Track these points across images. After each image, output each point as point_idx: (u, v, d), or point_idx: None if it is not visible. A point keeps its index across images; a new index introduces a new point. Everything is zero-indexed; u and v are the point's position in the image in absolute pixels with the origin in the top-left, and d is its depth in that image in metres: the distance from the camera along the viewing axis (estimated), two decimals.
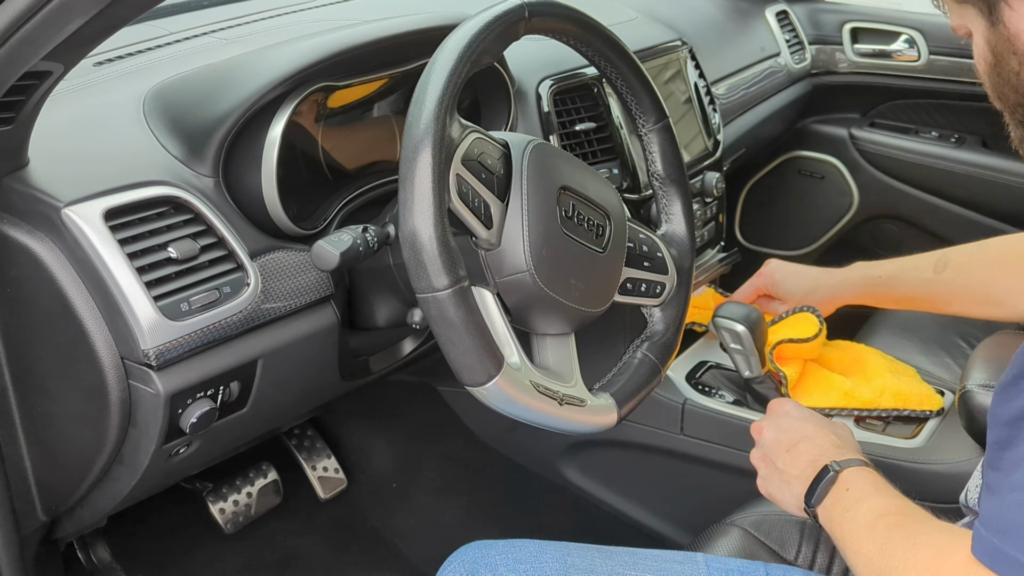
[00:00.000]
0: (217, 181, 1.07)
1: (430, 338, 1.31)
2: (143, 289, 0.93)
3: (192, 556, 1.64)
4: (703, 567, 1.02)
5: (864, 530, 0.88)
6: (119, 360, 0.97)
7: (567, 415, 0.93)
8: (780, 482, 1.02)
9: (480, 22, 0.91)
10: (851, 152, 2.36)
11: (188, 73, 1.17)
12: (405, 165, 0.83)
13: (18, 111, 0.88)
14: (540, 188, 0.95)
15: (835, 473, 0.95)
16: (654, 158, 1.14)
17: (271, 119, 1.06)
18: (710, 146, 1.68)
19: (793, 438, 1.03)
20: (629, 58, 1.08)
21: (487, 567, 0.97)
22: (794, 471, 1.00)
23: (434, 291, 0.82)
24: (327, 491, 1.78)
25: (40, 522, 1.15)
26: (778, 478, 1.02)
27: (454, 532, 1.78)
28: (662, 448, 1.53)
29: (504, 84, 1.33)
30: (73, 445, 1.06)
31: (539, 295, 0.94)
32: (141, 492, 1.17)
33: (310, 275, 1.10)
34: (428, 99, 0.85)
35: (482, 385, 0.86)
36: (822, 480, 0.96)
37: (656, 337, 1.10)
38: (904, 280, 1.38)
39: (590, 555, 1.00)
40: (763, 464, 1.06)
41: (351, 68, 1.14)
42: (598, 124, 1.44)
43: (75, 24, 0.78)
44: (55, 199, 0.94)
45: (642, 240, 1.10)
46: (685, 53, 1.72)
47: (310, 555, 1.71)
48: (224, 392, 1.04)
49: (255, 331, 1.05)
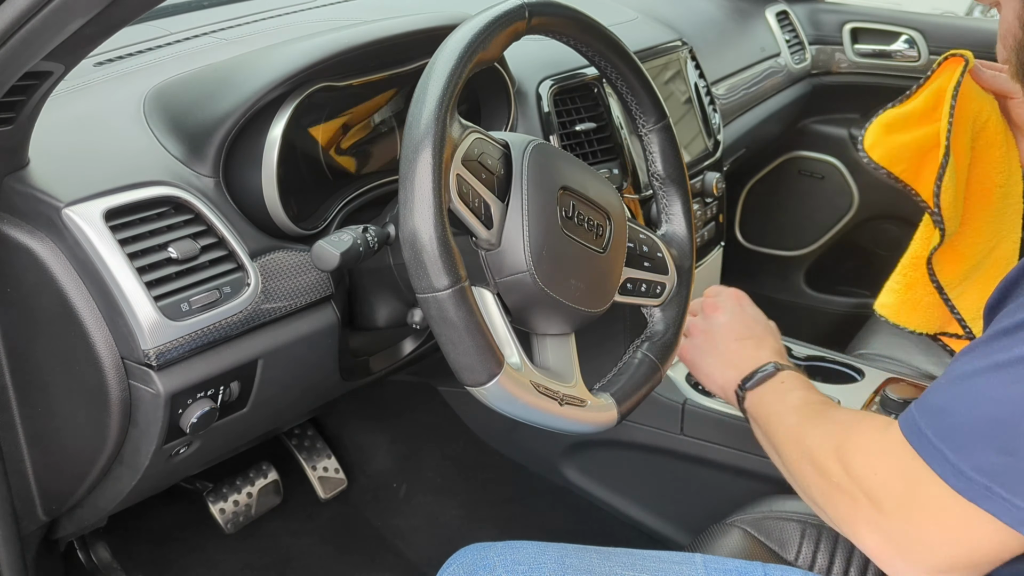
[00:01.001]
0: (217, 181, 1.07)
1: (430, 338, 1.31)
2: (143, 289, 0.93)
3: (192, 556, 1.64)
4: (701, 567, 1.02)
5: (789, 409, 0.99)
6: (119, 360, 0.97)
7: (567, 415, 0.93)
8: (716, 362, 1.13)
9: (480, 22, 0.91)
10: (851, 152, 2.36)
11: (188, 73, 1.17)
12: (405, 165, 0.83)
13: (18, 111, 0.88)
14: (540, 188, 0.95)
15: (775, 370, 1.06)
16: (654, 158, 1.14)
17: (271, 119, 1.06)
18: (710, 146, 1.68)
19: (744, 333, 1.14)
20: (629, 58, 1.08)
21: (485, 569, 0.97)
22: (735, 360, 1.10)
23: (434, 291, 0.82)
24: (327, 491, 1.78)
25: (40, 522, 1.15)
26: (715, 358, 1.13)
27: (454, 532, 1.78)
28: (662, 448, 1.53)
29: (504, 84, 1.33)
30: (73, 445, 1.06)
31: (539, 295, 0.94)
32: (141, 492, 1.17)
33: (310, 275, 1.10)
34: (428, 99, 0.85)
35: (482, 385, 0.86)
36: (760, 372, 1.07)
37: (656, 337, 1.10)
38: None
39: (588, 556, 1.00)
40: (703, 337, 1.16)
41: (351, 68, 1.14)
42: (598, 124, 1.44)
43: (75, 24, 0.78)
44: (55, 199, 0.94)
45: (642, 240, 1.10)
46: (685, 53, 1.72)
47: (310, 555, 1.71)
48: (224, 392, 1.04)
49: (255, 331, 1.05)
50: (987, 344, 0.76)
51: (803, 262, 2.46)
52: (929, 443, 0.77)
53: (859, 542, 0.85)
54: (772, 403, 1.04)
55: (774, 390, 1.05)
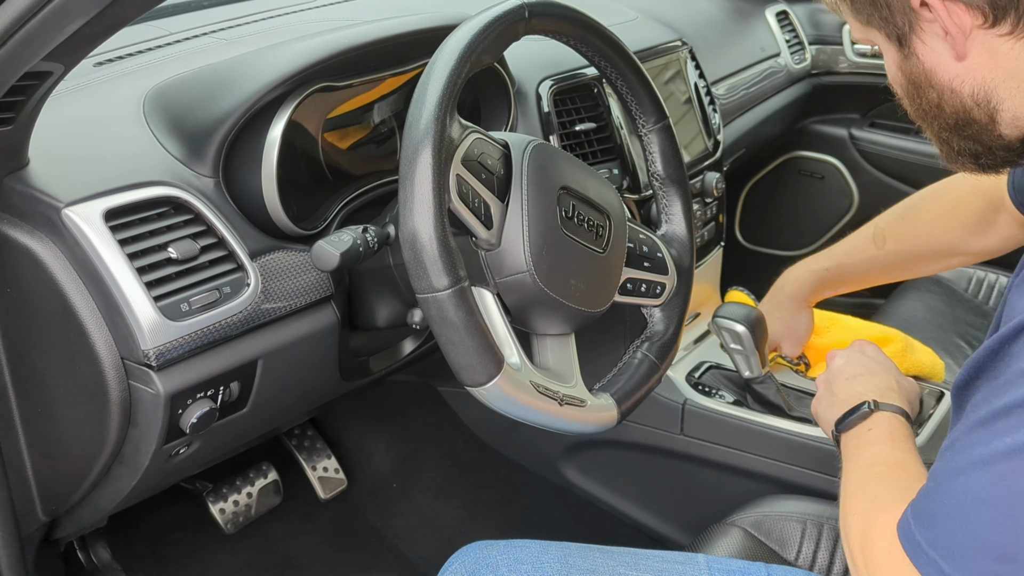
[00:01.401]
0: (217, 181, 1.07)
1: (430, 338, 1.31)
2: (143, 289, 0.93)
3: (192, 556, 1.64)
4: (704, 567, 1.02)
5: (856, 471, 0.95)
6: (119, 360, 0.97)
7: (567, 415, 0.93)
8: (828, 403, 1.07)
9: (480, 22, 0.91)
10: (851, 152, 2.36)
11: (188, 73, 1.17)
12: (405, 165, 0.83)
13: (18, 111, 0.88)
14: (540, 188, 0.95)
15: (869, 411, 1.00)
16: (654, 158, 1.14)
17: (271, 119, 1.06)
18: (710, 146, 1.68)
19: (856, 371, 1.09)
20: (629, 58, 1.08)
21: (488, 567, 0.97)
22: (842, 396, 1.05)
23: (434, 291, 0.82)
24: (327, 491, 1.78)
25: (40, 522, 1.15)
26: (828, 399, 1.08)
27: (454, 532, 1.78)
28: (662, 448, 1.53)
29: (504, 84, 1.33)
30: (73, 445, 1.06)
31: (539, 295, 0.94)
32: (141, 492, 1.17)
33: (310, 275, 1.10)
34: (428, 99, 0.85)
35: (482, 385, 0.86)
36: (855, 412, 1.01)
37: (656, 337, 1.10)
38: (852, 264, 1.41)
39: (591, 555, 1.00)
40: (823, 386, 1.12)
41: (351, 68, 1.14)
42: (598, 124, 1.44)
43: (75, 24, 0.78)
44: (55, 199, 0.94)
45: (642, 240, 1.10)
46: (685, 53, 1.72)
47: (310, 555, 1.71)
48: (224, 392, 1.04)
49: (255, 331, 1.05)
50: (966, 437, 0.72)
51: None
52: (923, 553, 0.73)
53: None
54: (850, 455, 0.98)
55: (857, 439, 1.00)
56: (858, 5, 0.81)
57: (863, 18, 0.81)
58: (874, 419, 1.00)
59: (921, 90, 0.81)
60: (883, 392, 1.04)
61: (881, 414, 1.00)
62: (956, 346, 1.56)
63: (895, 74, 0.84)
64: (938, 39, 0.76)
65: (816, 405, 1.11)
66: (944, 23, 0.74)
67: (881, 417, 1.00)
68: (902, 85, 0.84)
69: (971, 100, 0.78)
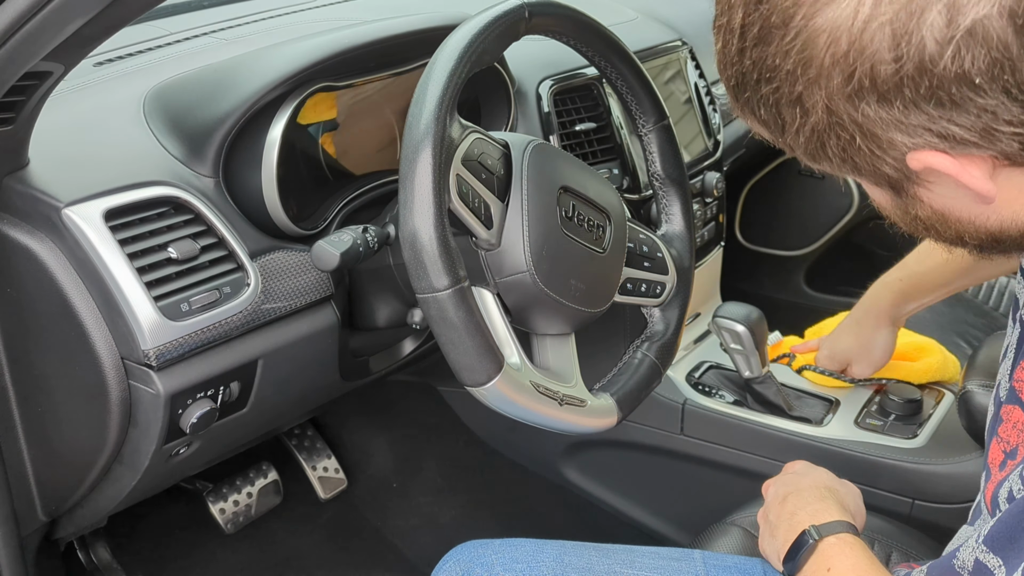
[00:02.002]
0: (217, 181, 1.07)
1: (430, 338, 1.31)
2: (143, 289, 0.93)
3: (192, 556, 1.64)
4: (700, 564, 1.02)
5: None
6: (119, 360, 0.97)
7: (567, 415, 0.93)
8: (769, 536, 0.98)
9: (480, 22, 0.91)
10: None
11: (188, 73, 1.17)
12: (405, 165, 0.83)
13: (18, 111, 0.88)
14: (540, 188, 0.95)
15: (814, 542, 0.89)
16: (654, 158, 1.14)
17: (271, 119, 1.06)
18: (710, 146, 1.68)
19: (785, 491, 0.99)
20: (629, 58, 1.08)
21: (483, 566, 0.97)
22: (779, 525, 0.95)
23: (434, 291, 0.82)
24: (327, 491, 1.78)
25: (40, 522, 1.15)
26: (768, 532, 0.98)
27: (454, 532, 1.78)
28: (662, 448, 1.53)
29: (504, 84, 1.33)
30: (73, 445, 1.06)
31: (539, 295, 0.94)
32: (141, 492, 1.17)
33: (310, 275, 1.10)
34: (428, 99, 0.85)
35: (482, 385, 0.86)
36: (801, 548, 0.90)
37: (656, 337, 1.10)
38: (925, 272, 1.33)
39: (587, 553, 1.00)
40: (761, 521, 1.02)
41: (351, 68, 1.14)
42: (598, 124, 1.44)
43: (75, 24, 0.78)
44: (55, 199, 0.94)
45: (642, 240, 1.10)
46: (685, 53, 1.72)
47: (310, 555, 1.71)
48: (224, 392, 1.04)
49: (255, 331, 1.05)
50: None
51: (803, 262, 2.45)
52: None
53: None
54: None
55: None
56: (818, 159, 0.64)
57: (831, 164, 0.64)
58: (826, 552, 0.88)
59: (933, 229, 0.68)
60: (817, 510, 0.93)
61: (830, 543, 0.89)
62: (956, 346, 1.56)
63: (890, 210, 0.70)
64: (951, 187, 0.62)
65: (760, 544, 1.00)
66: (964, 180, 0.60)
67: (833, 548, 0.88)
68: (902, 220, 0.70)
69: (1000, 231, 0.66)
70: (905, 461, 1.31)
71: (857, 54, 0.56)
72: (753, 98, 0.62)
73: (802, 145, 0.63)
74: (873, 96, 0.57)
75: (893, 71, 0.55)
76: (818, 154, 0.63)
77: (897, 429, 1.36)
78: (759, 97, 0.62)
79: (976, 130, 0.57)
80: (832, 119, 0.60)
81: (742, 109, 0.64)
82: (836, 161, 0.63)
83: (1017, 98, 0.55)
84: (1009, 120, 0.56)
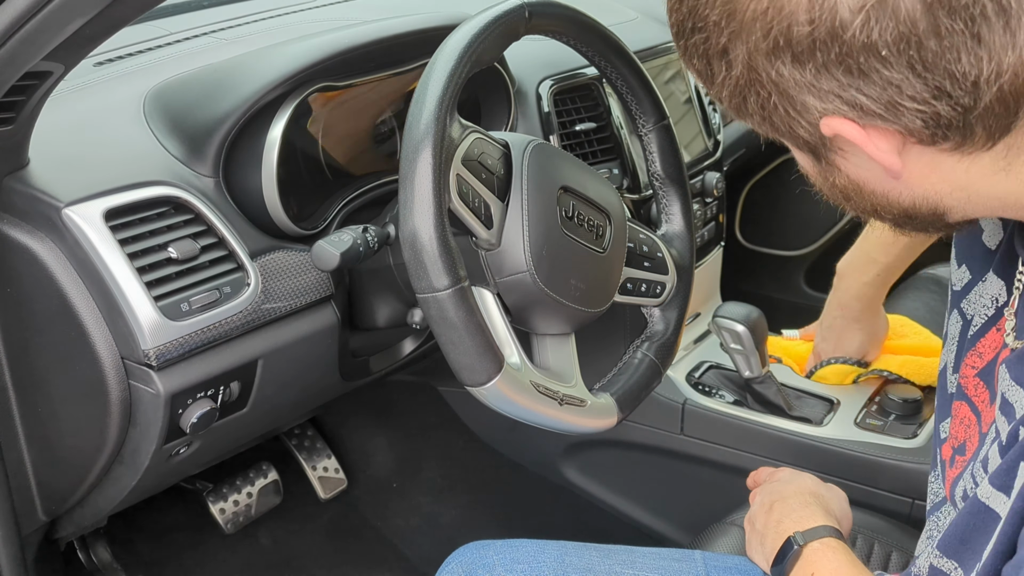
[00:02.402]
0: (217, 181, 1.07)
1: (430, 338, 1.31)
2: (143, 289, 0.93)
3: (192, 556, 1.64)
4: (701, 564, 1.02)
5: None
6: (119, 360, 0.97)
7: (567, 415, 0.93)
8: (756, 543, 0.99)
9: (480, 22, 0.91)
10: None
11: (188, 73, 1.17)
12: (405, 165, 0.83)
13: (18, 111, 0.88)
14: (540, 188, 0.95)
15: (799, 548, 0.90)
16: (654, 158, 1.14)
17: (271, 119, 1.06)
18: (710, 146, 1.68)
19: (771, 499, 1.00)
20: (629, 58, 1.08)
21: (485, 567, 0.97)
22: (765, 532, 0.97)
23: (434, 291, 0.82)
24: (327, 491, 1.78)
25: (40, 522, 1.15)
26: (755, 539, 0.99)
27: (454, 532, 1.78)
28: (662, 448, 1.53)
29: (504, 84, 1.33)
30: (73, 445, 1.06)
31: (539, 295, 0.94)
32: (141, 492, 1.17)
33: (310, 275, 1.10)
34: (428, 99, 0.85)
35: (482, 385, 0.86)
36: (786, 555, 0.91)
37: (656, 337, 1.10)
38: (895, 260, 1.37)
39: (588, 554, 1.00)
40: (748, 525, 1.03)
41: (351, 68, 1.14)
42: (598, 124, 1.44)
43: (75, 24, 0.78)
44: (55, 199, 0.94)
45: (642, 240, 1.10)
46: None
47: (310, 555, 1.71)
48: (224, 392, 1.04)
49: (255, 331, 1.05)
50: None
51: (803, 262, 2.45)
52: None
53: None
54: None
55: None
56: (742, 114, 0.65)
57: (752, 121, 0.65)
58: (809, 558, 0.89)
59: (850, 199, 0.70)
60: (802, 517, 0.94)
61: (814, 548, 0.90)
62: None
63: (814, 178, 0.71)
64: (864, 157, 0.63)
65: (748, 551, 1.02)
66: (869, 151, 0.61)
67: (816, 553, 0.89)
68: (824, 187, 0.71)
69: (912, 207, 0.67)
70: (905, 461, 1.31)
71: (776, 12, 0.57)
72: (688, 46, 0.63)
73: (726, 98, 0.64)
74: (788, 56, 0.58)
75: (807, 33, 0.56)
76: (741, 109, 0.64)
77: (897, 429, 1.36)
78: (692, 45, 0.63)
79: (882, 102, 0.57)
80: (752, 75, 0.60)
81: (682, 56, 0.66)
82: (757, 118, 0.64)
83: (921, 75, 0.55)
84: (912, 96, 0.56)
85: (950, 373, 0.84)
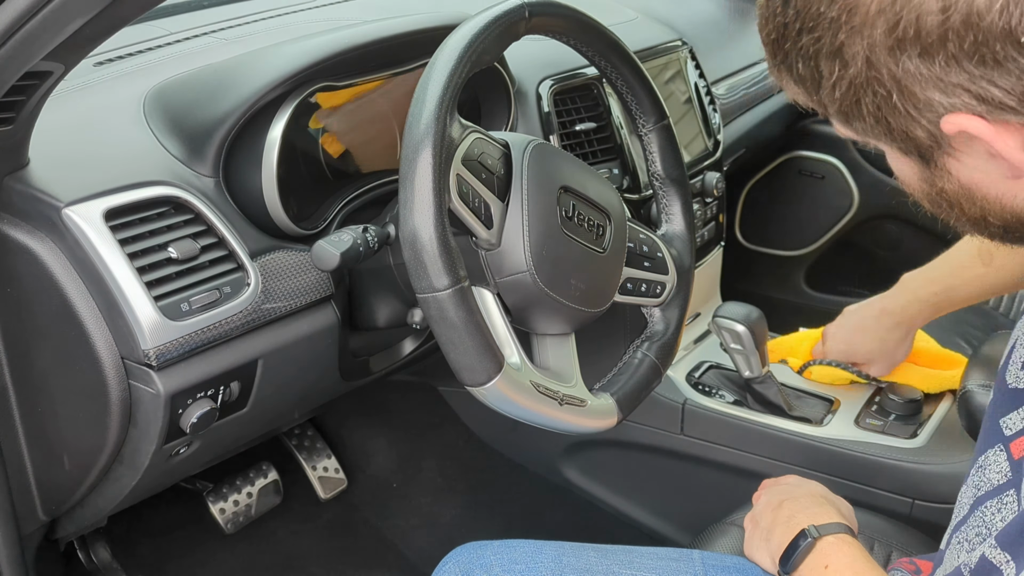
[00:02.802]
0: (217, 181, 1.07)
1: (430, 338, 1.31)
2: (143, 289, 0.93)
3: (192, 556, 1.64)
4: (699, 564, 1.02)
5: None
6: (119, 360, 0.97)
7: (567, 415, 0.93)
8: (760, 539, 0.98)
9: (480, 22, 0.91)
10: (851, 152, 2.36)
11: (188, 73, 1.17)
12: (405, 165, 0.83)
13: (18, 111, 0.88)
14: (540, 188, 0.95)
15: (812, 540, 0.90)
16: (654, 158, 1.14)
17: (271, 119, 1.06)
18: (710, 146, 1.68)
19: (779, 499, 1.00)
20: (629, 58, 1.08)
21: (482, 567, 0.97)
22: (774, 528, 0.96)
23: (434, 291, 0.82)
24: (327, 491, 1.78)
25: (40, 522, 1.15)
26: (759, 536, 0.99)
27: (454, 532, 1.78)
28: (662, 448, 1.53)
29: (504, 84, 1.33)
30: (74, 445, 1.06)
31: (539, 295, 0.94)
32: (141, 492, 1.17)
33: (310, 275, 1.10)
34: (428, 99, 0.85)
35: (482, 385, 0.86)
36: (799, 546, 0.90)
37: (656, 337, 1.10)
38: (960, 286, 1.31)
39: (586, 554, 1.00)
40: (749, 524, 1.03)
41: (351, 68, 1.14)
42: (598, 124, 1.44)
43: (76, 24, 0.78)
44: (55, 199, 0.94)
45: (642, 240, 1.10)
46: (685, 53, 1.72)
47: (310, 555, 1.71)
48: (224, 392, 1.04)
49: (255, 331, 1.05)
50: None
51: (803, 262, 2.46)
52: None
53: None
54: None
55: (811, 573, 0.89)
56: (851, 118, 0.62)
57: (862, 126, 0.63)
58: (824, 551, 0.88)
59: (957, 206, 0.66)
60: (816, 513, 0.94)
61: (829, 541, 0.89)
62: (957, 346, 1.56)
63: (915, 184, 0.67)
64: (982, 158, 0.60)
65: (747, 549, 1.01)
66: (994, 147, 0.57)
67: (832, 547, 0.88)
68: (927, 195, 0.67)
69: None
70: (905, 461, 1.31)
71: (904, 2, 0.54)
72: (792, 51, 0.61)
73: (837, 101, 0.61)
74: (916, 49, 0.55)
75: (939, 22, 0.54)
76: (852, 112, 0.61)
77: (897, 429, 1.36)
78: (798, 49, 0.60)
79: (1016, 93, 0.55)
80: (871, 73, 0.58)
81: (779, 67, 0.63)
82: (870, 121, 0.61)
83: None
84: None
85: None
